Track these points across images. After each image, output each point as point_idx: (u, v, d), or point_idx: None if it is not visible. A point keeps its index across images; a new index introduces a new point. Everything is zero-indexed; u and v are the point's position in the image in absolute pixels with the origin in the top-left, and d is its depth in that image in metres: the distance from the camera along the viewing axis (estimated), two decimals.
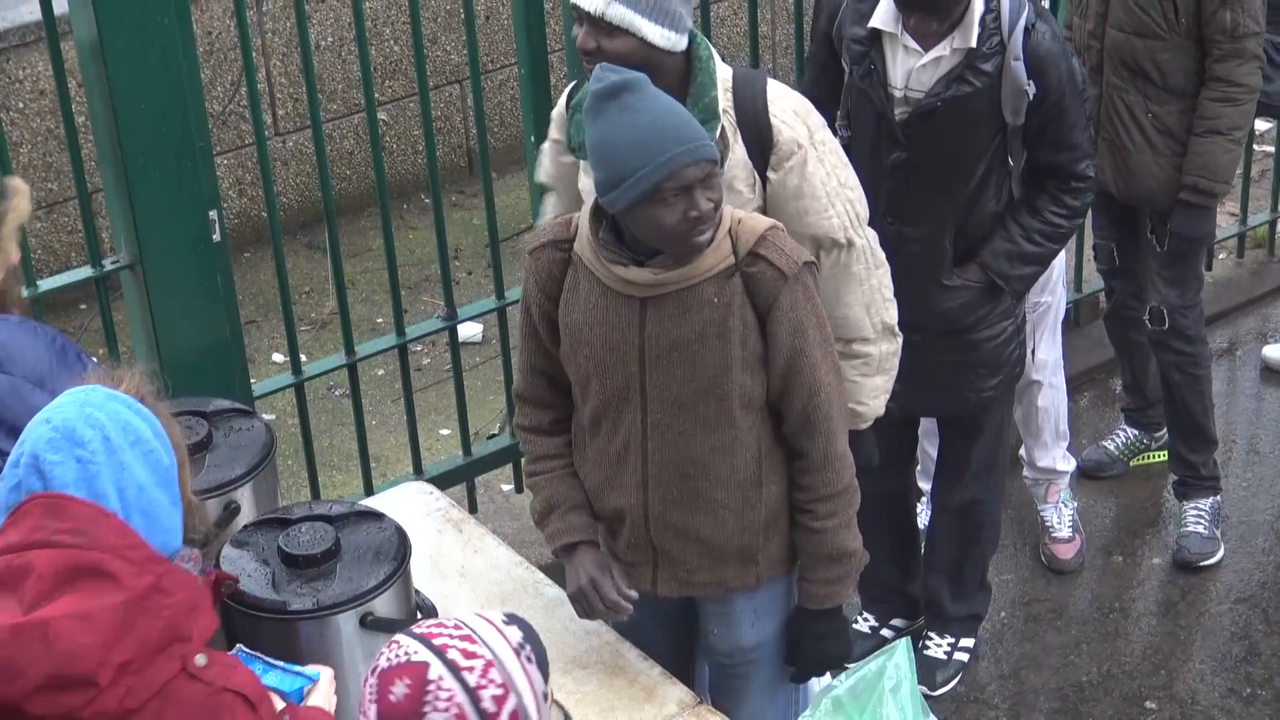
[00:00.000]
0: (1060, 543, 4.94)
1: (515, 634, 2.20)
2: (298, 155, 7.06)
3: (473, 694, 2.12)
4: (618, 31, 3.29)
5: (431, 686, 2.12)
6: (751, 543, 3.27)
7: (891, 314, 3.58)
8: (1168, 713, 4.44)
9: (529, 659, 2.19)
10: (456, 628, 2.17)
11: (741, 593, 3.34)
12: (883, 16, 3.94)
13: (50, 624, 2.12)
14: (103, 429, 2.31)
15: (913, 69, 3.92)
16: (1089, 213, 5.21)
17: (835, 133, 3.72)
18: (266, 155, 4.24)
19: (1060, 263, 4.62)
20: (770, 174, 3.43)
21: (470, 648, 2.15)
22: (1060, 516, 4.96)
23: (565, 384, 3.31)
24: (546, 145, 3.73)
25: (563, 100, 3.63)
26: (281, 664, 2.66)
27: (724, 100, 3.40)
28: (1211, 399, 4.96)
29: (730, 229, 3.08)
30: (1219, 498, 5.00)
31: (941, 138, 3.92)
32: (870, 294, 3.53)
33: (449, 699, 2.12)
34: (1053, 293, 4.63)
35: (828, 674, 3.47)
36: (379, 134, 4.39)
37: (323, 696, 2.64)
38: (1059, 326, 4.75)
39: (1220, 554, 4.93)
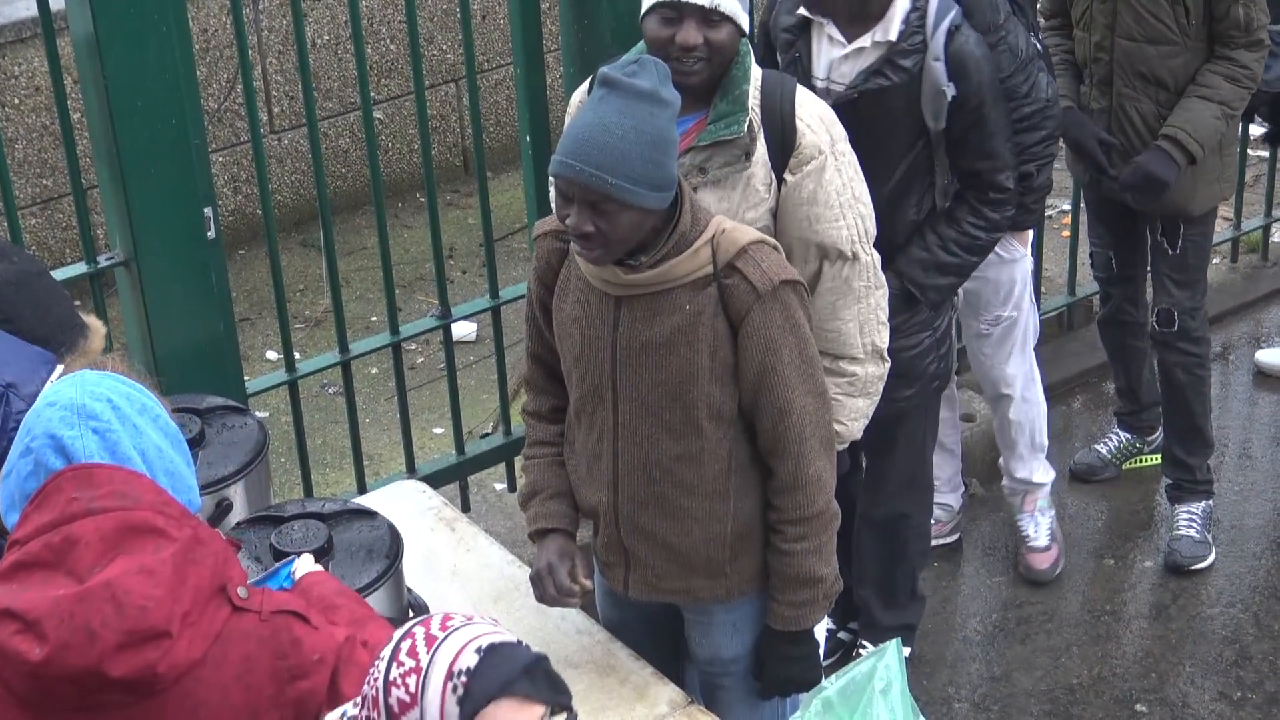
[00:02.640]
0: (1036, 552, 4.91)
1: (467, 660, 2.12)
2: (293, 153, 7.07)
3: (387, 686, 2.13)
4: (725, 21, 3.36)
5: (379, 661, 2.15)
6: (718, 555, 3.25)
7: (883, 338, 3.56)
8: (1158, 716, 4.44)
9: (454, 690, 2.10)
10: (444, 626, 2.17)
11: (717, 604, 3.33)
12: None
13: (114, 583, 2.13)
14: (109, 400, 2.33)
15: (835, 60, 3.91)
16: (1085, 220, 5.25)
17: None
18: (262, 153, 4.23)
19: (1026, 278, 4.58)
20: (788, 176, 3.43)
21: (419, 647, 2.15)
22: (1037, 526, 4.93)
23: (560, 372, 3.31)
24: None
25: (583, 88, 3.62)
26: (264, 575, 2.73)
27: (752, 98, 3.42)
28: (1210, 402, 4.96)
29: (713, 238, 3.05)
30: (1211, 502, 5.01)
31: (860, 132, 3.79)
32: (866, 313, 3.51)
33: (373, 681, 2.14)
34: (1017, 307, 4.59)
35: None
36: (375, 132, 4.39)
37: (310, 561, 2.70)
38: (1029, 341, 4.70)
39: (1212, 558, 4.94)
